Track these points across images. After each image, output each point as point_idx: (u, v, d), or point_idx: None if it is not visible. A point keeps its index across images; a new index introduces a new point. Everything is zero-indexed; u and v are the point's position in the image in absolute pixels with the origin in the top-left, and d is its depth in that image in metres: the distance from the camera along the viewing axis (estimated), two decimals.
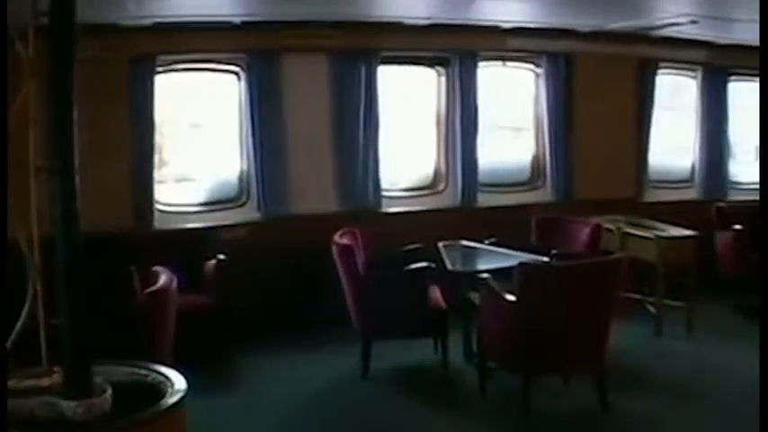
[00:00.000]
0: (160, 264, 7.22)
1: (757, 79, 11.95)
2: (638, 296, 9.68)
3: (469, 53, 10.15)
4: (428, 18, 9.41)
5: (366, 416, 6.99)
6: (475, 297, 7.44)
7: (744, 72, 11.81)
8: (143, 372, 4.13)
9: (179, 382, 3.96)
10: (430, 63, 10.28)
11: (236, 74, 9.37)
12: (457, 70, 10.15)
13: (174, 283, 6.95)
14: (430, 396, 7.41)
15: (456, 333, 7.93)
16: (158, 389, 3.92)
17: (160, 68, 8.91)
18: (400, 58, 10.13)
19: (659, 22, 9.49)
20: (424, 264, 7.72)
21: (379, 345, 7.77)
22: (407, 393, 7.49)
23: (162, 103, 9.01)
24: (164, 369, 4.14)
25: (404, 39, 9.71)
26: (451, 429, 6.76)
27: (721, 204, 11.24)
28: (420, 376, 7.91)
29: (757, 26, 9.24)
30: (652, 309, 9.41)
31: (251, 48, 9.16)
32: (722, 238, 10.68)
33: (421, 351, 8.08)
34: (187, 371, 4.12)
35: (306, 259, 8.75)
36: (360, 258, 7.93)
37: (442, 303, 7.81)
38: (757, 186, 12.11)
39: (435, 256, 8.12)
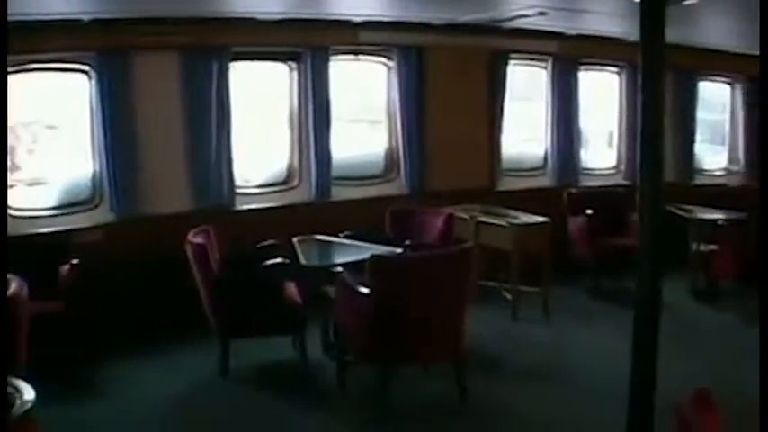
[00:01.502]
0: (11, 271, 7.04)
1: (607, 69, 12.32)
2: (494, 283, 9.83)
3: (321, 48, 10.08)
4: (280, 13, 9.33)
5: (227, 416, 6.88)
6: (331, 291, 7.41)
7: (594, 62, 12.11)
8: None
9: (28, 392, 3.86)
10: (282, 58, 10.20)
11: (87, 73, 9.16)
12: (309, 65, 10.06)
13: (25, 291, 6.76)
14: (290, 392, 7.35)
15: (314, 328, 7.92)
16: (6, 400, 3.83)
17: (11, 69, 8.64)
18: (252, 54, 10.03)
19: (509, 15, 9.59)
20: (278, 260, 7.69)
21: (238, 344, 7.65)
22: (268, 391, 7.43)
23: (15, 105, 8.71)
24: (12, 379, 4.03)
25: (256, 34, 9.59)
26: (312, 424, 6.72)
27: (573, 190, 11.52)
28: (280, 373, 7.85)
29: (606, 17, 9.51)
30: (508, 295, 9.57)
31: (100, 46, 8.93)
32: (575, 224, 10.95)
33: (280, 348, 8.04)
34: (42, 380, 4.03)
35: (161, 259, 8.61)
36: (214, 257, 7.85)
37: (298, 299, 7.77)
38: (608, 171, 12.47)
39: (290, 252, 8.09)
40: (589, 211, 10.56)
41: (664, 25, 3.85)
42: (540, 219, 9.63)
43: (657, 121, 3.88)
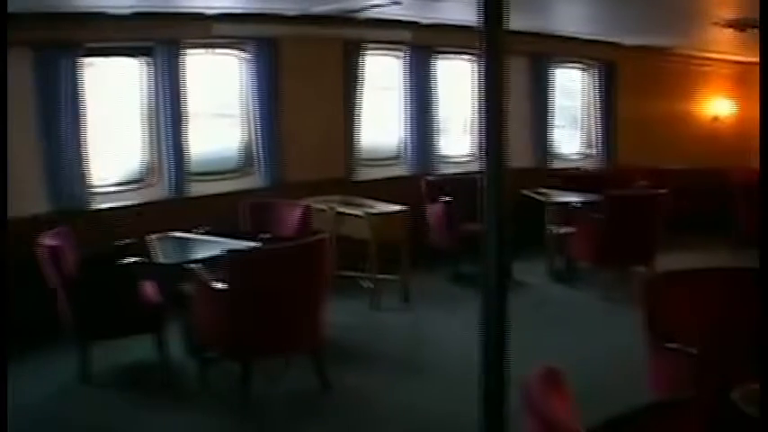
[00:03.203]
0: None
1: (462, 57, 12.44)
2: (354, 273, 9.88)
3: (174, 42, 9.93)
4: (131, 7, 9.18)
5: (89, 421, 6.74)
6: (189, 288, 7.36)
7: (449, 51, 12.24)
8: None
9: None
10: (135, 53, 10.02)
11: None
12: (162, 60, 9.92)
13: None
14: (152, 393, 7.23)
15: (175, 326, 7.84)
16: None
17: None
18: (105, 50, 9.81)
19: (363, 4, 9.61)
20: (134, 259, 7.58)
21: (99, 346, 7.48)
22: (130, 393, 7.30)
23: None
24: None
25: (107, 29, 9.39)
26: (175, 424, 6.62)
27: (430, 178, 11.65)
28: (142, 374, 7.70)
29: (459, 5, 9.60)
30: (368, 284, 9.63)
31: None
32: (432, 211, 11.07)
33: (141, 348, 7.90)
34: None
35: (17, 264, 8.39)
36: (70, 258, 7.69)
37: (156, 298, 7.67)
38: (465, 158, 12.62)
39: (147, 251, 7.99)
40: (446, 198, 10.69)
41: (504, 11, 3.90)
42: (398, 207, 9.73)
43: (500, 107, 3.93)
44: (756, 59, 14.74)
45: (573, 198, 11.31)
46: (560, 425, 3.01)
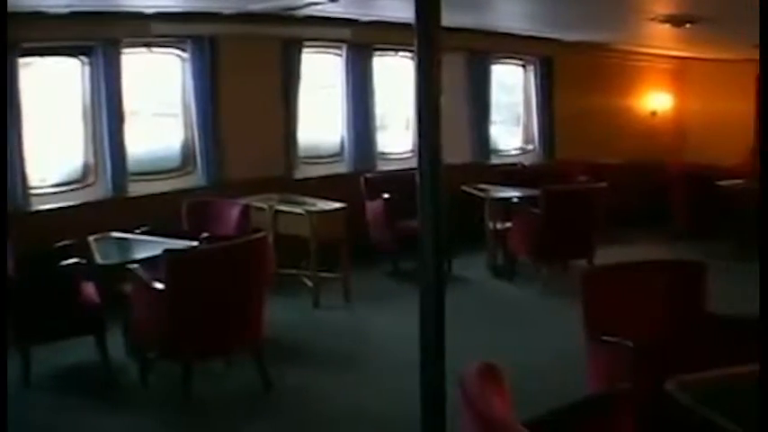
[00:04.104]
0: None
1: (402, 54, 12.46)
2: (295, 271, 9.89)
3: (113, 41, 9.85)
4: (69, 6, 9.09)
5: (31, 425, 6.70)
6: (129, 289, 7.32)
7: (388, 48, 12.25)
8: None
9: None
10: (74, 53, 9.92)
11: None
12: (101, 59, 9.84)
13: None
14: (94, 395, 7.16)
15: (116, 327, 7.78)
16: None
17: None
18: (43, 50, 9.70)
19: (301, 2, 9.61)
20: (74, 260, 7.51)
21: (39, 349, 7.40)
22: (72, 396, 7.22)
23: None
24: None
25: (45, 29, 9.29)
26: (116, 425, 6.58)
27: (369, 175, 11.66)
28: (83, 376, 7.62)
29: (397, 3, 9.61)
30: (309, 282, 9.64)
31: None
32: (372, 208, 11.11)
33: (82, 350, 7.83)
34: None
35: None
36: (9, 261, 7.60)
37: (96, 299, 7.61)
38: (406, 155, 12.64)
39: (87, 252, 7.92)
40: (386, 195, 10.72)
41: (437, 8, 3.93)
42: (337, 205, 9.76)
43: (434, 103, 3.96)
44: (693, 54, 14.97)
45: (512, 193, 11.38)
46: (496, 420, 3.03)
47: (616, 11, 9.97)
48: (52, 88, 10.04)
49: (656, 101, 16.07)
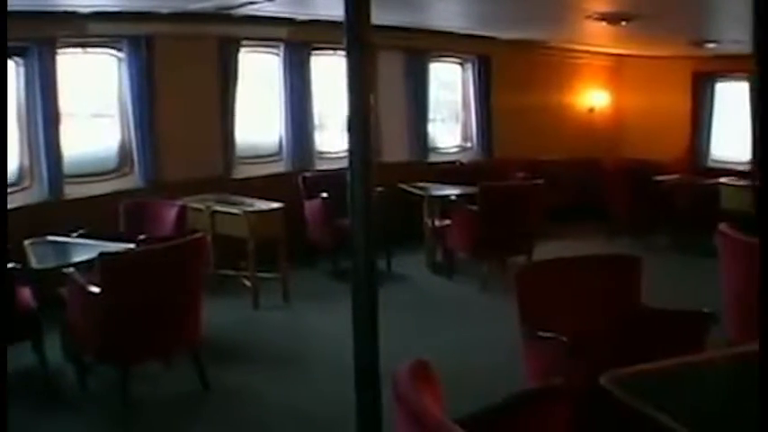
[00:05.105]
0: None
1: (339, 53, 12.42)
2: (233, 272, 9.87)
3: (48, 41, 9.73)
4: None
5: None
6: (65, 293, 7.24)
7: (326, 47, 12.23)
8: None
9: None
10: (8, 53, 9.79)
11: None
12: (36, 60, 9.71)
13: None
14: (32, 401, 7.04)
15: (53, 332, 7.70)
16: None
17: None
18: None
19: (238, 1, 9.56)
20: (9, 265, 7.40)
21: None
22: (10, 402, 7.18)
23: None
24: None
25: None
26: (55, 430, 6.54)
27: (308, 174, 11.66)
28: (22, 382, 7.54)
29: (334, 1, 9.58)
30: (247, 283, 9.61)
31: None
32: (310, 207, 11.11)
33: (20, 356, 7.75)
34: None
35: None
36: None
37: (32, 304, 7.52)
38: (344, 154, 12.59)
39: (23, 256, 7.82)
40: (324, 194, 10.72)
41: (367, 7, 3.93)
42: (275, 204, 9.75)
43: (364, 102, 3.96)
44: (630, 51, 15.12)
45: (450, 191, 11.46)
46: (428, 417, 3.04)
47: (553, 9, 10.05)
48: None
49: (593, 98, 16.23)
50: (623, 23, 10.20)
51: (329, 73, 12.57)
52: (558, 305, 5.62)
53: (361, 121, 3.96)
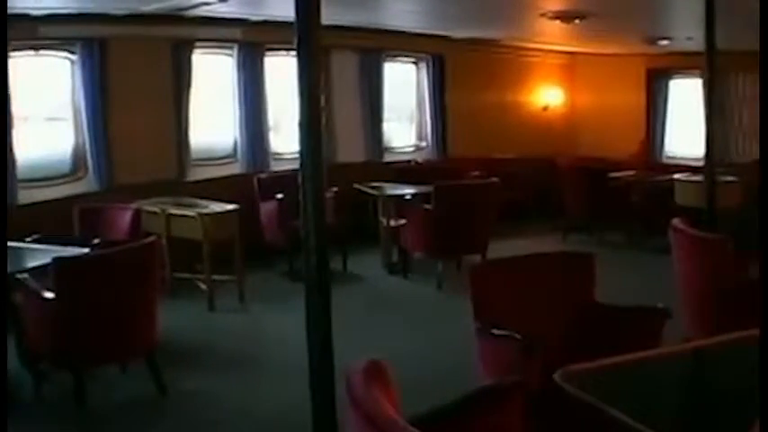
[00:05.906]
0: None
1: (294, 52, 12.42)
2: (189, 275, 9.83)
3: None
4: None
5: None
6: (19, 299, 7.18)
7: (279, 47, 12.21)
8: None
9: None
10: None
11: None
12: None
13: None
14: None
15: (9, 339, 7.62)
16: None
17: None
18: None
19: (191, 2, 9.54)
20: None
21: None
22: None
23: None
24: None
25: None
26: None
27: (262, 176, 11.66)
28: None
29: (287, 3, 9.56)
30: (203, 285, 9.58)
31: None
32: (266, 208, 11.11)
33: None
34: None
35: None
36: None
37: None
38: (298, 155, 12.62)
39: None
40: (279, 196, 10.71)
41: (317, 7, 3.94)
42: (229, 206, 9.75)
43: (314, 103, 3.97)
44: (583, 49, 15.22)
45: (405, 190, 11.50)
46: (380, 416, 3.05)
47: (506, 7, 10.12)
48: None
49: (547, 96, 16.33)
50: (577, 21, 10.29)
51: (283, 74, 12.55)
52: (513, 303, 5.65)
53: (312, 122, 3.97)
